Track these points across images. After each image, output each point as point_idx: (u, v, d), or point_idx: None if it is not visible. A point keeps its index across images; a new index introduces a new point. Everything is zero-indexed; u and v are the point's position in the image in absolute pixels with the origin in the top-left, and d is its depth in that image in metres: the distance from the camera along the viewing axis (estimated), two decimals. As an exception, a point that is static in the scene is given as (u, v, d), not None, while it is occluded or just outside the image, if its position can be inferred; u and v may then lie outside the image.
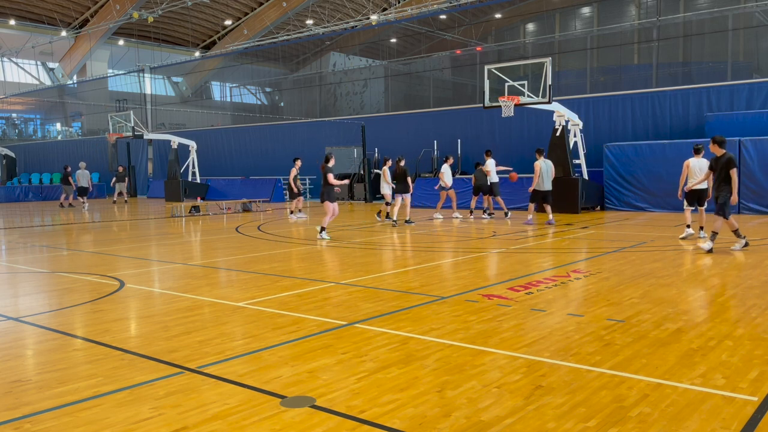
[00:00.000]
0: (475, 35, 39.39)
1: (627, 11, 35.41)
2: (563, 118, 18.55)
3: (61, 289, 8.00)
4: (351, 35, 40.52)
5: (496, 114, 20.37)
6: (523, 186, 20.08)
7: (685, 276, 8.03)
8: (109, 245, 12.71)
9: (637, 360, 4.63)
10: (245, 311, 6.49)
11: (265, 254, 10.98)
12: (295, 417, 3.70)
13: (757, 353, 4.75)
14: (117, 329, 5.88)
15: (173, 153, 29.45)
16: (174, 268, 9.74)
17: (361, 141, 26.93)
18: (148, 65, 41.24)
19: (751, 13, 29.21)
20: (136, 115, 30.53)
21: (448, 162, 17.83)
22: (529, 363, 4.61)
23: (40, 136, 51.50)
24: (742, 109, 19.01)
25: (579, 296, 7.04)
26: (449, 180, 17.64)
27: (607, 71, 33.89)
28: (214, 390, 4.17)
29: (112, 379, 4.43)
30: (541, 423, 3.56)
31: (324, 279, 8.31)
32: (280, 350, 5.06)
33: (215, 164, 33.14)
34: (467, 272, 8.76)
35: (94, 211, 24.64)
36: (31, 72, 48.30)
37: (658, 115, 20.65)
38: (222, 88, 50.99)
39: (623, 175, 18.84)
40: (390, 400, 3.93)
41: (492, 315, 6.10)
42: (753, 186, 16.81)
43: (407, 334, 5.46)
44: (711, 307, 6.28)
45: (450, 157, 18.23)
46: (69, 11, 42.35)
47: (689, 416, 3.61)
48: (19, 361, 5.02)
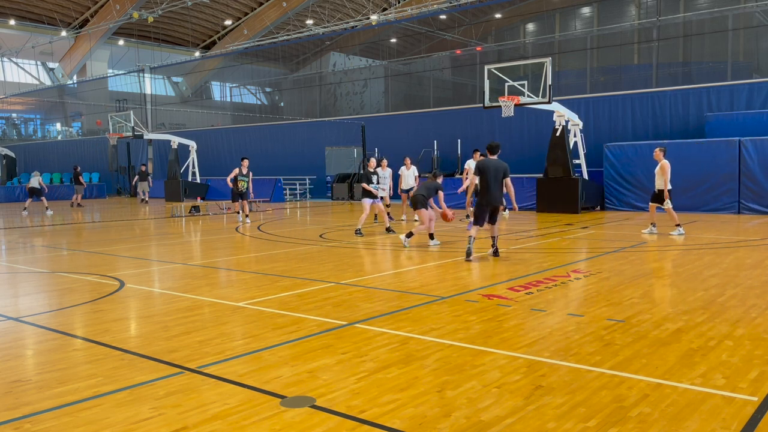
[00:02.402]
0: (475, 35, 39.39)
1: (627, 11, 35.41)
2: (563, 118, 18.55)
3: (61, 289, 8.00)
4: (351, 35, 40.52)
5: (496, 114, 20.37)
6: (524, 186, 20.12)
7: (685, 276, 8.03)
8: (109, 245, 12.71)
9: (637, 360, 4.63)
10: (245, 311, 6.49)
11: (265, 254, 10.98)
12: (295, 417, 3.70)
13: (757, 353, 4.75)
14: (117, 329, 5.88)
15: (173, 153, 29.45)
16: (174, 268, 9.74)
17: (361, 141, 26.94)
18: (148, 65, 41.24)
19: (751, 13, 29.21)
20: (136, 115, 30.53)
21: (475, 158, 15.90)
22: (529, 363, 4.61)
23: (40, 136, 51.50)
24: (742, 109, 19.01)
25: (579, 296, 7.04)
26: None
27: (607, 71, 33.89)
28: (214, 390, 4.17)
29: (112, 379, 4.43)
30: (541, 423, 3.56)
31: (324, 279, 8.31)
32: (280, 350, 5.06)
33: (215, 164, 33.13)
34: (467, 272, 8.76)
35: (94, 211, 24.64)
36: (31, 72, 48.30)
37: (658, 115, 20.65)
38: (222, 88, 51.00)
39: (623, 175, 18.85)
40: (390, 400, 3.93)
41: (492, 315, 6.10)
42: (753, 186, 16.80)
43: (407, 334, 5.46)
44: (711, 307, 6.28)
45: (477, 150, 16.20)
46: (69, 11, 42.35)
47: (689, 416, 3.61)
48: (19, 361, 5.02)
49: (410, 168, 16.68)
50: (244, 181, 17.17)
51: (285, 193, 29.44)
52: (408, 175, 16.63)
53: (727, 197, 17.15)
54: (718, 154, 17.20)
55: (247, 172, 17.27)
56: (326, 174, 29.65)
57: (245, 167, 17.26)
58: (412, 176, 16.66)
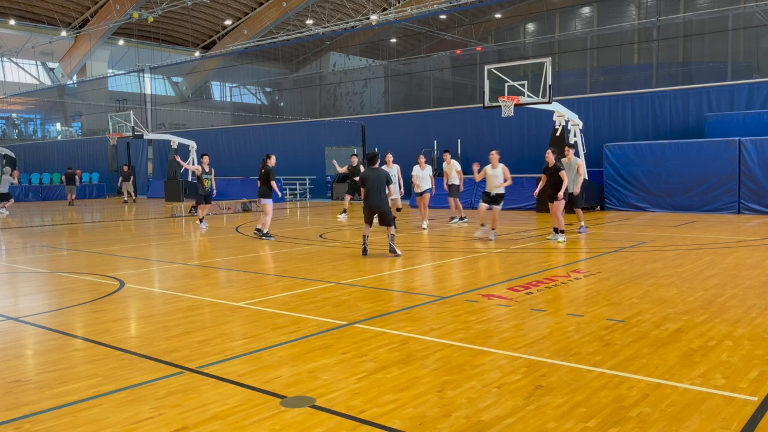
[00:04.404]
0: (475, 35, 39.39)
1: (627, 11, 35.40)
2: (563, 118, 18.55)
3: (61, 289, 8.00)
4: (351, 35, 40.52)
5: (496, 114, 20.37)
6: (524, 186, 20.11)
7: (685, 276, 8.02)
8: (109, 245, 12.71)
9: (637, 360, 4.63)
10: (245, 311, 6.49)
11: (265, 254, 10.98)
12: (295, 417, 3.70)
13: (757, 353, 4.75)
14: (117, 329, 5.88)
15: (173, 153, 29.44)
16: (174, 268, 9.74)
17: (361, 141, 26.92)
18: (148, 65, 41.22)
19: (751, 13, 29.21)
20: (136, 115, 30.52)
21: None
22: (529, 363, 4.61)
23: (40, 136, 51.49)
24: (742, 109, 19.01)
25: (579, 296, 7.04)
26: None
27: (607, 71, 33.90)
28: (214, 390, 4.17)
29: (112, 379, 4.43)
30: (541, 423, 3.56)
31: (324, 279, 8.30)
32: (280, 350, 5.06)
33: (215, 164, 32.85)
34: (467, 272, 8.75)
35: (95, 211, 24.64)
36: (31, 72, 48.27)
37: (658, 115, 20.65)
38: (222, 88, 50.99)
39: (623, 175, 18.84)
40: (390, 400, 3.93)
41: (492, 315, 6.10)
42: (753, 186, 16.80)
43: (407, 334, 5.46)
44: (711, 307, 6.28)
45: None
46: (69, 11, 42.33)
47: (689, 416, 3.61)
48: (19, 361, 5.02)
49: (425, 168, 14.84)
50: (209, 180, 15.56)
51: (285, 193, 29.44)
52: (423, 175, 14.76)
53: (727, 197, 17.14)
54: (718, 154, 17.19)
55: (210, 170, 15.65)
56: (326, 174, 29.64)
57: (206, 164, 15.56)
58: (427, 176, 14.80)
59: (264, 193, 13.19)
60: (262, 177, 13.15)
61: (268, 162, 13.16)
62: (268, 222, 13.26)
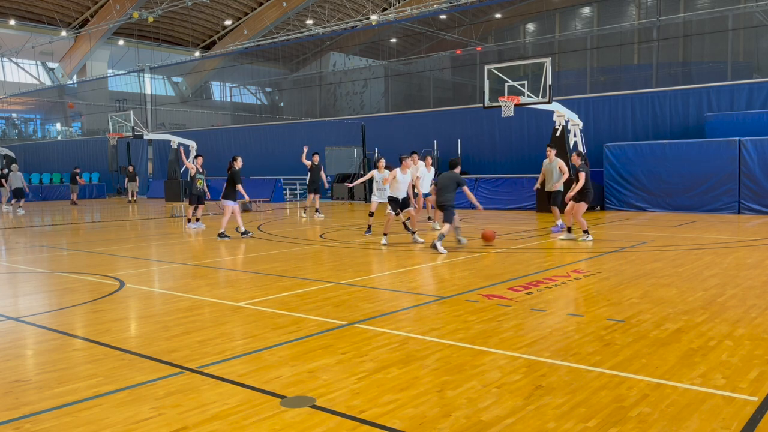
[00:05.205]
0: (475, 35, 39.39)
1: (627, 11, 35.41)
2: (563, 118, 18.55)
3: (61, 289, 8.00)
4: (351, 35, 40.53)
5: (496, 114, 20.37)
6: (524, 186, 20.12)
7: (685, 276, 8.02)
8: (109, 245, 12.71)
9: (637, 360, 4.63)
10: (245, 311, 6.49)
11: (265, 254, 10.98)
12: (295, 417, 3.70)
13: (757, 353, 4.75)
14: (117, 329, 5.88)
15: (173, 153, 29.45)
16: (174, 268, 9.74)
17: (361, 141, 26.92)
18: (148, 65, 41.24)
19: (751, 13, 29.21)
20: (136, 115, 30.52)
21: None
22: (529, 363, 4.61)
23: (40, 136, 51.49)
24: (742, 109, 19.01)
25: (579, 296, 7.04)
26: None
27: (607, 71, 33.90)
28: (214, 390, 4.17)
29: (112, 379, 4.43)
30: (541, 423, 3.56)
31: (324, 279, 8.30)
32: (280, 350, 5.06)
33: (215, 164, 33.05)
34: (467, 272, 8.75)
35: (94, 211, 24.64)
36: (31, 72, 48.28)
37: (658, 115, 20.66)
38: (222, 88, 51.00)
39: (623, 175, 18.84)
40: (390, 400, 3.93)
41: (492, 315, 6.10)
42: (753, 186, 16.79)
43: (407, 334, 5.46)
44: (711, 307, 6.28)
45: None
46: (69, 11, 42.34)
47: (689, 416, 3.61)
48: (19, 361, 5.02)
49: (430, 170, 14.47)
50: (201, 179, 15.45)
51: (285, 193, 29.44)
52: (429, 177, 14.37)
53: (727, 197, 17.14)
54: (718, 154, 17.19)
55: (203, 171, 15.56)
56: (326, 174, 29.62)
57: (200, 165, 15.45)
58: (429, 179, 14.41)
59: (228, 194, 13.44)
60: (228, 179, 13.40)
61: (235, 164, 13.44)
62: (224, 222, 13.58)
